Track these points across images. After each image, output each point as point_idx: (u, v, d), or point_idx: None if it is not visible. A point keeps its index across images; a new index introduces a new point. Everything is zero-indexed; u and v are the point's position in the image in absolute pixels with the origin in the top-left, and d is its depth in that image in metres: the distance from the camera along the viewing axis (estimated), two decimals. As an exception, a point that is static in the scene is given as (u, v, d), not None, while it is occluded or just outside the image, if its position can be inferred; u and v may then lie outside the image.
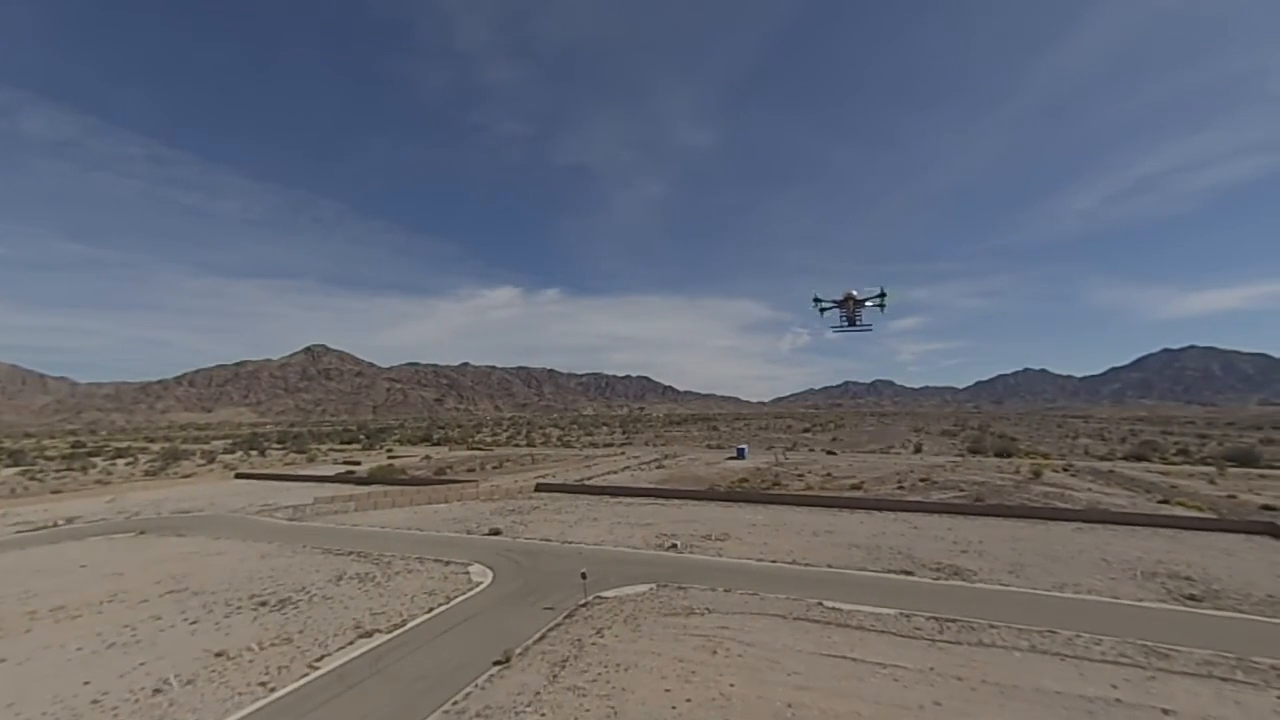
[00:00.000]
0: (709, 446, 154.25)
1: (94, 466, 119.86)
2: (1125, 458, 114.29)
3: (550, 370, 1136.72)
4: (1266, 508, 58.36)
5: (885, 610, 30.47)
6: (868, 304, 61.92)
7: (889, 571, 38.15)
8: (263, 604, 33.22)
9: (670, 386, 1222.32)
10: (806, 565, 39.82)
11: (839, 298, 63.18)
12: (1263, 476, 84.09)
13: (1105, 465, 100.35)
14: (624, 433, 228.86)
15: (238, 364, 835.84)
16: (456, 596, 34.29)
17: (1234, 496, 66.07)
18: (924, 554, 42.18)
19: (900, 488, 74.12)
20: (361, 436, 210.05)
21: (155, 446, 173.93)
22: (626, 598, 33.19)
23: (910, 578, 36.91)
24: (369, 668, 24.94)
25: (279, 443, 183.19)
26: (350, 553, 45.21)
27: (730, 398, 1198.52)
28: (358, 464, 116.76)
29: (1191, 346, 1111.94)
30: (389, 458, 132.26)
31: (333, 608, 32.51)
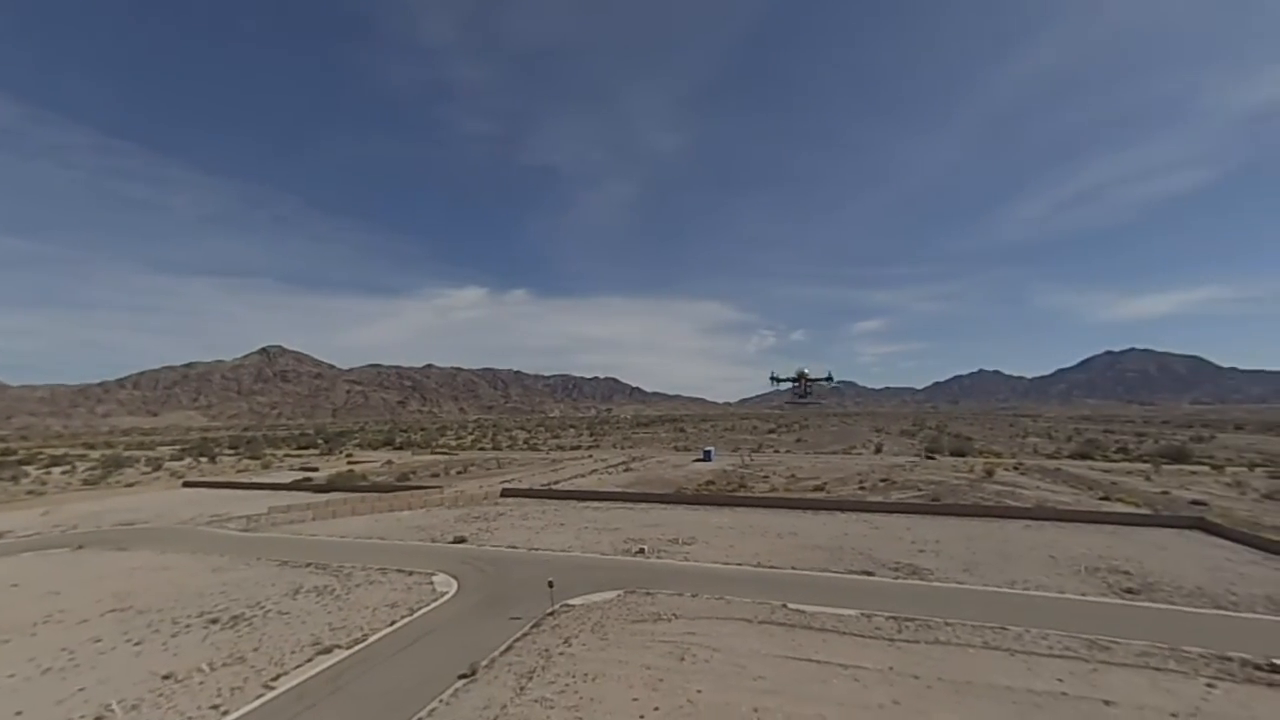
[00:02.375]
0: (676, 448, 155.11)
1: (26, 476, 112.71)
2: (1071, 456, 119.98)
3: (517, 372, 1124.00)
4: (1196, 503, 62.15)
5: (847, 611, 31.25)
6: (819, 381, 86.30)
7: (851, 572, 39.12)
8: (214, 621, 31.88)
9: (638, 388, 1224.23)
10: (772, 568, 40.49)
11: (794, 375, 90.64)
12: (1193, 473, 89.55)
13: (1053, 463, 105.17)
14: (591, 435, 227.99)
15: (186, 366, 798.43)
16: (420, 608, 33.61)
17: (1167, 492, 70.17)
18: (884, 554, 43.41)
19: (862, 488, 76.04)
20: (320, 441, 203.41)
21: (95, 453, 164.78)
22: (594, 605, 33.13)
23: (871, 578, 37.94)
24: (328, 686, 24.23)
25: (231, 448, 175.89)
26: (308, 564, 43.76)
27: (697, 399, 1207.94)
28: (316, 470, 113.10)
29: (1131, 349, 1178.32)
30: (349, 463, 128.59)
31: (289, 623, 31.43)
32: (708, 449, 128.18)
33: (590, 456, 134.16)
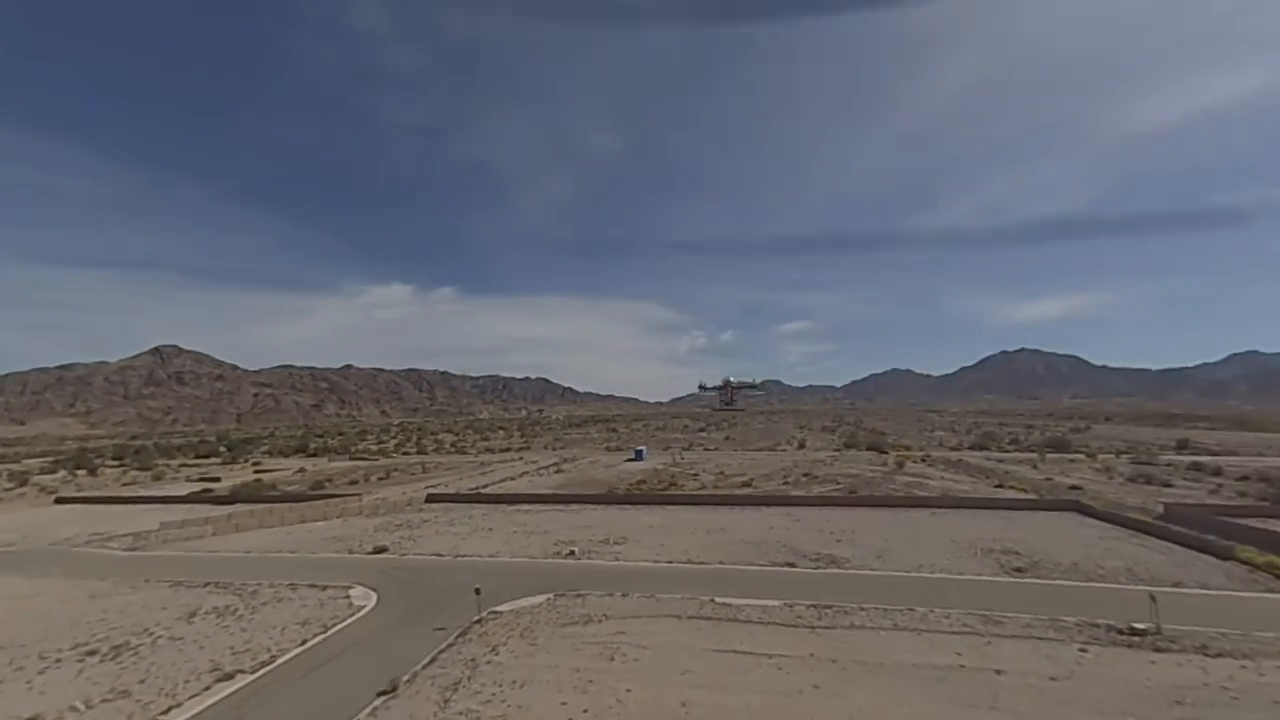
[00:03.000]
0: (608, 448, 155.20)
1: None
2: (971, 447, 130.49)
3: (444, 372, 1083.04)
4: (1074, 487, 69.33)
5: (771, 602, 32.44)
6: (743, 391, 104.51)
7: (775, 564, 40.65)
8: (91, 653, 28.65)
9: (570, 388, 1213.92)
10: (701, 564, 41.37)
11: (720, 384, 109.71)
12: (1071, 461, 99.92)
13: (955, 455, 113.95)
14: (522, 436, 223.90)
15: (61, 367, 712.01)
16: (335, 624, 31.74)
17: (1050, 479, 77.83)
18: (805, 545, 45.43)
19: (786, 483, 79.19)
20: (222, 449, 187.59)
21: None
22: (523, 610, 32.56)
23: (794, 569, 39.60)
24: (230, 715, 22.40)
25: (116, 459, 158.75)
26: (207, 584, 40.26)
27: (629, 398, 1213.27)
28: (217, 480, 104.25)
29: (1022, 349, 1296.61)
30: (256, 472, 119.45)
31: (184, 649, 28.78)
32: (639, 448, 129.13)
33: (521, 459, 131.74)
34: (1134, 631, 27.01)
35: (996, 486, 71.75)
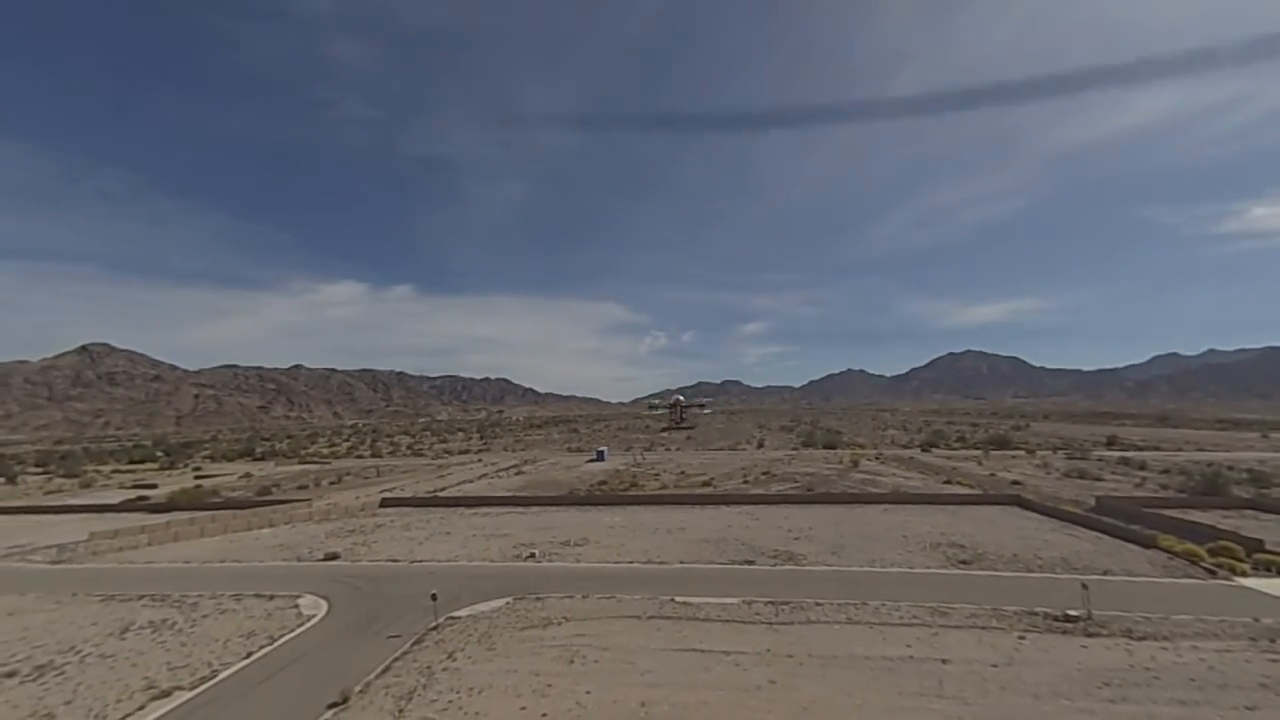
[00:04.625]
0: (569, 449, 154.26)
1: None
2: (921, 445, 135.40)
3: (399, 373, 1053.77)
4: (1015, 483, 72.91)
5: (730, 600, 32.92)
6: (691, 409, 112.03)
7: (734, 563, 41.25)
8: (10, 675, 26.67)
9: (530, 389, 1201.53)
10: (661, 564, 41.60)
11: (670, 403, 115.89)
12: (1013, 457, 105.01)
13: (906, 453, 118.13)
14: (481, 438, 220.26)
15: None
16: (283, 635, 30.50)
17: (994, 474, 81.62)
18: (764, 543, 46.27)
19: (745, 482, 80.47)
20: (159, 454, 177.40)
21: None
22: (481, 615, 32.05)
23: (752, 566, 40.28)
24: (166, 734, 21.25)
25: (39, 466, 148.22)
26: (141, 597, 38.04)
27: (591, 399, 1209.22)
28: (153, 487, 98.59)
29: (968, 351, 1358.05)
30: (197, 478, 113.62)
31: (115, 667, 27.12)
32: (601, 449, 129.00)
33: (480, 461, 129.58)
34: (1068, 618, 28.63)
35: (945, 482, 74.77)
